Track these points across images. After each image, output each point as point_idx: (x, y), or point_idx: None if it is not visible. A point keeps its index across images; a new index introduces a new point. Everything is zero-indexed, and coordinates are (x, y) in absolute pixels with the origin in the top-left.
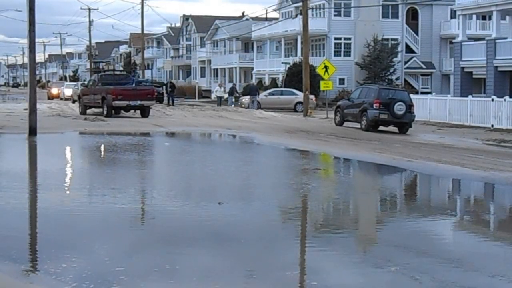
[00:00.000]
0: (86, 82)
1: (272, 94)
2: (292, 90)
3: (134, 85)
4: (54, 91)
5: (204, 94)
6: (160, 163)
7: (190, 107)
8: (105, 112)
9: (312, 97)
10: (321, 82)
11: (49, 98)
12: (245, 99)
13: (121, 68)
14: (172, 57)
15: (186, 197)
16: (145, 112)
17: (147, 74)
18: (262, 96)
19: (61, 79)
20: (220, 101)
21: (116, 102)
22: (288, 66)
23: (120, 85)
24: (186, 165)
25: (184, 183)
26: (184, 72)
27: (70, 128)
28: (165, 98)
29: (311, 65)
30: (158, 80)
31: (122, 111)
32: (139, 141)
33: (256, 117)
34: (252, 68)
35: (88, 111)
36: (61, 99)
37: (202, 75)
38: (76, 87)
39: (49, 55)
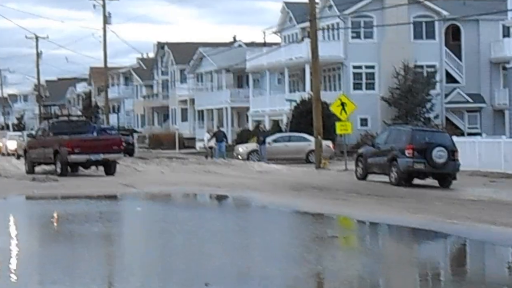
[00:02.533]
0: (33, 132)
1: (277, 141)
2: (303, 135)
3: (95, 134)
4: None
5: (187, 143)
6: (131, 237)
7: (168, 160)
8: (58, 170)
9: (328, 143)
10: (337, 124)
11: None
12: (242, 148)
13: (79, 113)
14: (144, 97)
15: (167, 283)
16: (110, 168)
17: (113, 119)
18: (262, 144)
19: (1, 128)
20: (212, 152)
21: (73, 156)
22: (294, 104)
23: (77, 134)
24: (165, 238)
25: (164, 263)
26: (160, 115)
27: (14, 192)
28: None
29: (324, 102)
30: (127, 126)
31: (81, 168)
32: (103, 207)
33: (254, 171)
34: (247, 108)
35: (37, 169)
36: (3, 154)
37: (184, 118)
38: (22, 138)
39: None
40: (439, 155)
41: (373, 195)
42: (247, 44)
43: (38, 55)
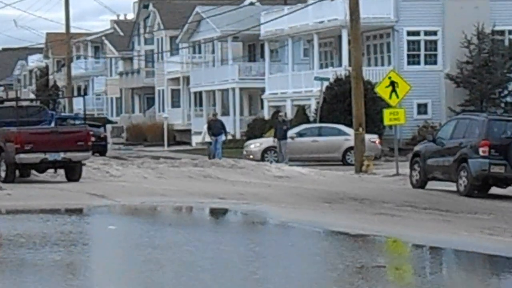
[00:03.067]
0: None
1: (302, 134)
2: (339, 127)
3: (53, 124)
4: None
5: (180, 137)
6: (104, 268)
7: (154, 161)
8: (2, 175)
9: (373, 138)
10: (385, 112)
11: None
12: (255, 145)
13: (32, 96)
14: (121, 74)
15: None
16: (73, 172)
17: (78, 104)
18: (282, 139)
19: None
20: (210, 150)
21: (22, 155)
22: (326, 84)
23: (29, 125)
24: (151, 270)
25: None
26: (142, 99)
27: None
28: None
29: (367, 82)
30: (98, 114)
31: (34, 172)
32: (64, 226)
33: (271, 176)
34: (262, 90)
35: None
36: None
37: (175, 104)
38: None
39: None
40: None
41: (434, 209)
42: (262, 2)
43: None
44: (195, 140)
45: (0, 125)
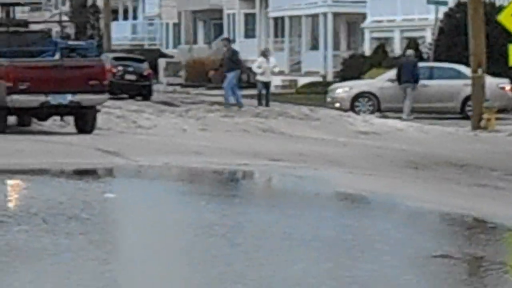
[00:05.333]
0: None
1: None
2: (457, 68)
3: (58, 56)
4: None
5: (254, 77)
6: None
7: (208, 108)
8: None
9: (502, 83)
10: (511, 48)
11: None
12: (342, 90)
13: (64, 18)
14: None
15: None
16: (85, 120)
17: (123, 30)
18: (376, 82)
19: None
20: (266, 91)
21: (16, 97)
22: (444, 9)
23: (26, 57)
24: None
25: None
26: (207, 26)
27: None
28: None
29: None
30: (149, 45)
31: (35, 120)
32: (43, 193)
33: (353, 131)
34: (363, 16)
35: None
36: None
37: (249, 33)
38: None
39: None
40: None
41: None
42: None
43: None
44: (274, 81)
45: None
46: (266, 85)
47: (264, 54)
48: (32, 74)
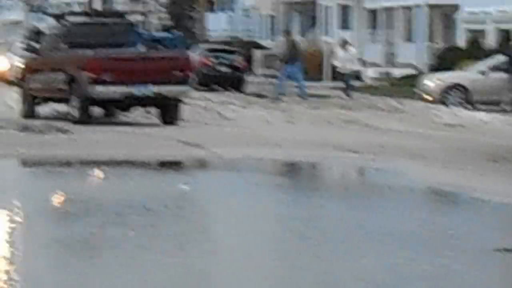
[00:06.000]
0: (36, 43)
1: (498, 68)
2: None
3: (141, 48)
4: None
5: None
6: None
7: (296, 100)
8: (75, 113)
9: None
10: None
11: None
12: (432, 82)
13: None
14: None
15: None
16: (168, 111)
17: (218, 22)
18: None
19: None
20: (348, 82)
21: (100, 88)
22: None
23: (109, 48)
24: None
25: None
26: (303, 17)
27: None
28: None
29: None
30: (246, 35)
31: (118, 111)
32: (135, 185)
33: (439, 123)
34: (455, 7)
35: (44, 109)
36: (9, 82)
37: (344, 24)
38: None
39: None
40: None
41: None
42: None
43: None
44: (369, 73)
45: (73, 47)
46: (347, 76)
47: (342, 45)
48: (116, 65)
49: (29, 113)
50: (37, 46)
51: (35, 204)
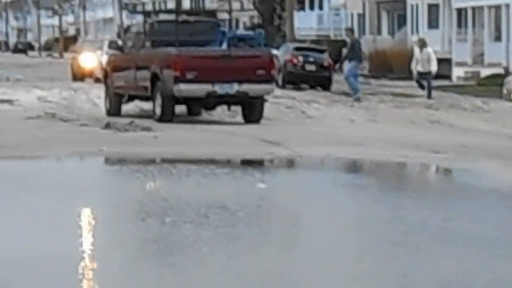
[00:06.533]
0: (120, 41)
1: None
2: None
3: (225, 46)
4: (86, 61)
5: (438, 68)
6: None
7: (383, 99)
8: (158, 111)
9: None
10: None
11: (75, 78)
12: None
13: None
14: None
15: None
16: (252, 110)
17: (307, 21)
18: None
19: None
20: (428, 82)
21: (183, 86)
22: None
23: (194, 46)
24: None
25: None
26: (391, 16)
27: (67, 148)
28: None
29: None
30: (336, 35)
31: (202, 109)
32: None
33: None
34: None
35: (128, 107)
36: (96, 79)
37: (432, 23)
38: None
39: None
40: None
41: None
42: None
43: None
44: (457, 73)
45: (157, 45)
46: (424, 75)
47: (419, 45)
48: (199, 63)
49: (114, 111)
50: (121, 43)
51: (116, 202)
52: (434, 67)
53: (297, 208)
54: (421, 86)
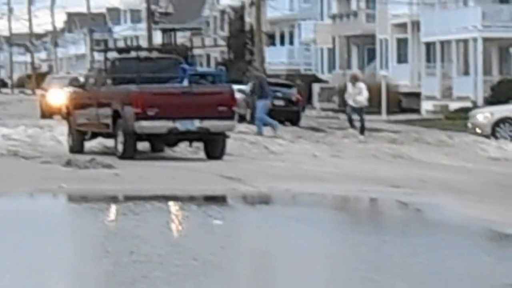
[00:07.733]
0: (82, 77)
1: None
2: None
3: (186, 82)
4: (53, 98)
5: (406, 103)
6: None
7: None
8: (120, 148)
9: None
10: None
11: (43, 115)
12: (484, 116)
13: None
14: (333, 17)
15: None
16: (214, 146)
17: (278, 55)
18: None
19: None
20: (361, 118)
21: (144, 123)
22: None
23: (155, 82)
24: None
25: None
26: (361, 51)
27: (26, 186)
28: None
29: None
30: (305, 70)
31: (165, 146)
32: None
33: (484, 157)
34: (511, 40)
35: (91, 144)
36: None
37: (401, 58)
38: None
39: (69, 15)
40: None
41: None
42: None
43: None
44: (426, 107)
45: (118, 83)
46: (356, 110)
47: (351, 80)
48: (160, 100)
49: (77, 148)
50: (83, 80)
51: (74, 238)
52: (364, 100)
53: (253, 245)
54: (351, 122)
